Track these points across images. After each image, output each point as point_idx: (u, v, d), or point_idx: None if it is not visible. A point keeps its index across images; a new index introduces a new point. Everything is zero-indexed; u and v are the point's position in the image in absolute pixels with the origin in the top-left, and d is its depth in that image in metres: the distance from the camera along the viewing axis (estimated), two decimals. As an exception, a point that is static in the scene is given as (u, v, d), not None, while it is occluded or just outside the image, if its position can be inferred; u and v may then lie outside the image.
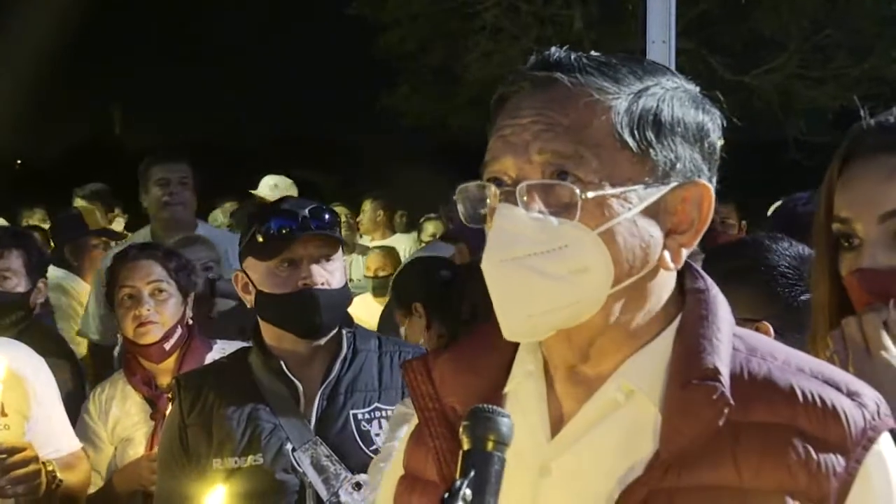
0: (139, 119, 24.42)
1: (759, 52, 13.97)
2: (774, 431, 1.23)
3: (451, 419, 1.33)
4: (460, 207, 1.33)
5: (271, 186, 7.05)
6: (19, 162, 21.52)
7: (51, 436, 2.89)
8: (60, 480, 2.81)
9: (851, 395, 1.26)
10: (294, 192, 7.20)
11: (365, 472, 2.51)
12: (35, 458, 2.74)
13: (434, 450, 1.34)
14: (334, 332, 2.69)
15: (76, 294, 5.42)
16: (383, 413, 2.60)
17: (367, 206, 7.90)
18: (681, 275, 1.34)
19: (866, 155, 1.60)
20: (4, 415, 2.77)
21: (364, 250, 7.28)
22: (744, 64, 13.86)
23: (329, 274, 2.62)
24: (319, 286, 2.59)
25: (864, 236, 1.58)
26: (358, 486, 2.50)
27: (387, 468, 2.23)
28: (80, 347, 5.21)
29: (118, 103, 25.57)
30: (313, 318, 2.59)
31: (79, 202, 7.05)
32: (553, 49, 1.30)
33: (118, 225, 7.31)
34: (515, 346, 1.36)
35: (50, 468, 2.80)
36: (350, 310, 2.79)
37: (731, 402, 1.22)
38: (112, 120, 25.91)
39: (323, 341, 2.66)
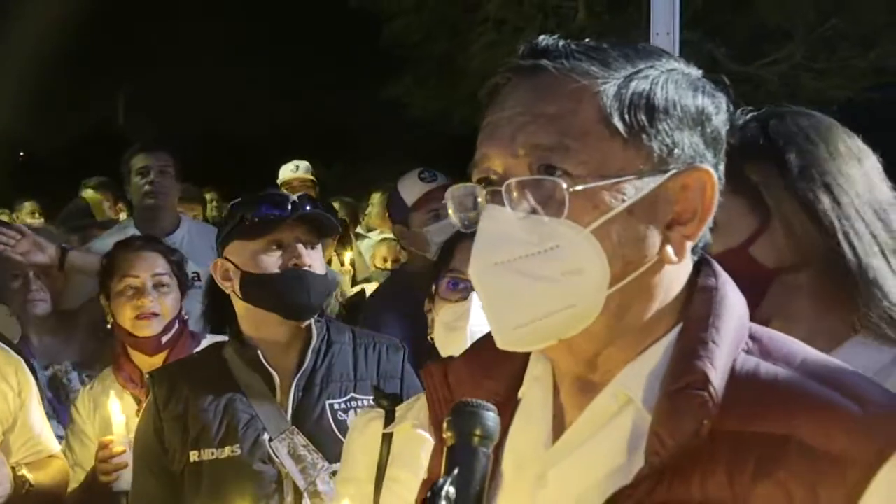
0: (142, 109, 24.38)
1: (763, 42, 13.89)
2: (771, 443, 1.11)
3: None
4: (451, 212, 1.24)
5: (292, 169, 7.01)
6: (22, 153, 21.51)
7: (30, 439, 2.86)
8: (31, 485, 2.78)
9: (865, 403, 1.12)
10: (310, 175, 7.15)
11: (342, 461, 2.51)
12: (2, 463, 2.69)
13: (438, 451, 1.30)
14: (311, 320, 2.70)
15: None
16: (359, 403, 2.60)
17: (376, 198, 7.73)
18: (697, 272, 1.25)
19: None
20: None
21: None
22: (748, 55, 13.78)
23: (314, 261, 2.65)
24: (307, 268, 2.60)
25: None
26: (335, 475, 2.47)
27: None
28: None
29: (121, 93, 25.53)
30: (302, 297, 2.60)
31: (87, 193, 7.01)
32: (542, 36, 1.23)
33: (124, 216, 7.26)
34: None
35: (20, 472, 2.76)
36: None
37: (712, 412, 1.12)
38: (116, 110, 25.87)
39: (302, 326, 2.67)
